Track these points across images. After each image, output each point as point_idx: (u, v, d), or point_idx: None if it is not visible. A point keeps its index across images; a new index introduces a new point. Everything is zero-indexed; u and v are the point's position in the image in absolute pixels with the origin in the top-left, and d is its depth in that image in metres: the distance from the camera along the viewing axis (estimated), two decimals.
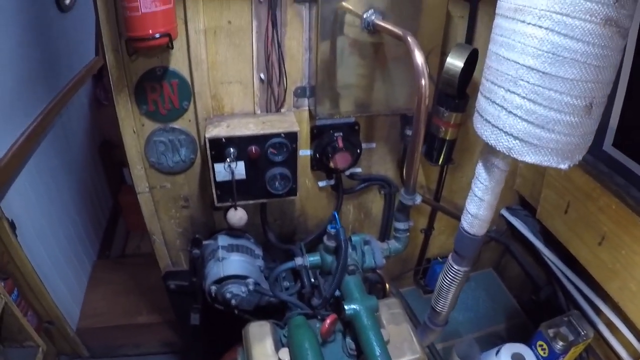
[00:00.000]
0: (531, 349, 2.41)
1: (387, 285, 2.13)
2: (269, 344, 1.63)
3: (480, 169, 1.54)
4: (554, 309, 2.53)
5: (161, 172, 2.15)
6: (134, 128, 2.02)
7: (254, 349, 1.60)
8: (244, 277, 2.03)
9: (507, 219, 2.87)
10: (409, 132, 2.17)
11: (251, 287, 2.01)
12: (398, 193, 2.09)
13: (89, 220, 3.76)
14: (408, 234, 2.08)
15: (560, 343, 2.30)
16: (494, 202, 1.59)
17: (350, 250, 1.80)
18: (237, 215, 2.10)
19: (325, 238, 1.82)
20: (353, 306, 1.64)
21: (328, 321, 1.59)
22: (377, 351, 1.52)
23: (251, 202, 2.13)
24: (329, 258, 1.79)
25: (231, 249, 2.13)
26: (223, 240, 2.17)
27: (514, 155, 1.32)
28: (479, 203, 1.58)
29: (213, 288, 2.05)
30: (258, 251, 2.23)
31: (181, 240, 2.39)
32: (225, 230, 2.26)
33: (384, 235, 2.63)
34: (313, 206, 2.47)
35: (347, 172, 2.28)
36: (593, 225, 2.30)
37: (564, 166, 1.31)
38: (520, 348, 2.39)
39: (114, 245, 4.10)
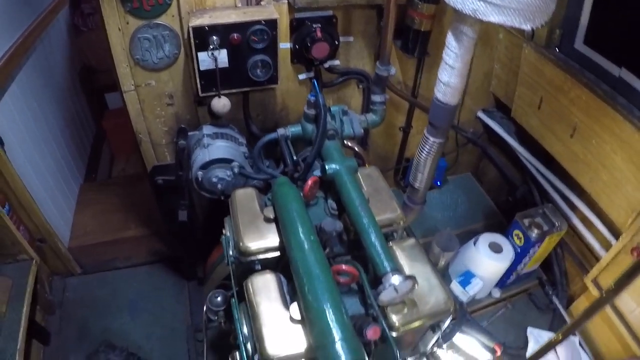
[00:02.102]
0: (507, 238, 2.53)
1: (367, 164, 2.19)
2: (254, 205, 1.68)
3: (450, 39, 1.60)
4: (529, 207, 2.62)
5: (146, 69, 2.19)
6: (119, 26, 2.05)
7: (240, 214, 1.65)
8: (229, 161, 2.11)
9: (483, 122, 2.95)
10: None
11: (236, 170, 2.08)
12: None
13: (73, 145, 3.78)
14: (384, 107, 2.16)
15: (536, 231, 2.41)
16: (465, 70, 1.65)
17: (329, 119, 1.86)
18: (221, 102, 2.17)
19: (305, 107, 1.89)
20: (333, 166, 1.70)
21: (310, 182, 1.65)
22: (358, 202, 1.58)
23: (234, 90, 2.20)
24: (309, 127, 1.86)
25: (216, 136, 2.21)
26: (208, 129, 2.25)
27: (479, 16, 1.38)
28: (450, 71, 1.64)
29: (200, 174, 2.13)
30: (242, 139, 2.30)
31: (167, 139, 2.45)
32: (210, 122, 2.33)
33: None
34: (294, 100, 2.53)
35: (326, 65, 2.34)
36: (565, 118, 2.39)
37: (527, 27, 1.37)
38: (497, 238, 2.50)
39: (100, 169, 4.14)
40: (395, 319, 1.40)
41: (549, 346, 1.66)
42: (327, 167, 1.70)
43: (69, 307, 3.12)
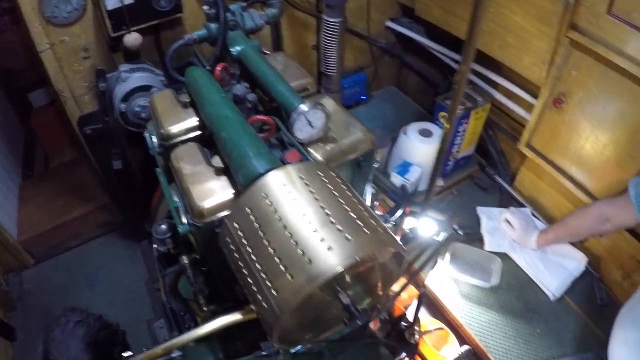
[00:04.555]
0: (435, 123, 2.60)
1: None
2: (171, 99, 1.69)
3: None
4: None
5: (57, 25, 2.20)
6: None
7: (158, 107, 1.66)
8: (149, 88, 2.13)
9: (394, 31, 3.01)
10: None
11: None
12: None
13: (5, 148, 3.75)
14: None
15: (459, 107, 2.46)
16: None
17: (230, 16, 1.89)
18: (132, 36, 2.19)
19: (206, 8, 1.91)
20: (238, 47, 1.73)
21: (218, 67, 1.67)
22: (265, 67, 1.61)
23: (144, 25, 2.22)
24: (213, 26, 1.88)
25: (133, 70, 2.23)
26: (124, 67, 2.27)
27: None
28: None
29: (122, 106, 2.14)
30: (158, 72, 2.32)
31: (89, 95, 2.46)
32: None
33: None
34: None
35: None
36: None
37: None
38: (425, 124, 2.56)
39: (36, 168, 4.08)
40: (316, 154, 1.42)
41: None
42: (231, 49, 1.73)
43: (29, 299, 3.09)
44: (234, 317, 1.11)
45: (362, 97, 3.00)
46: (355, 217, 0.91)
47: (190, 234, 1.36)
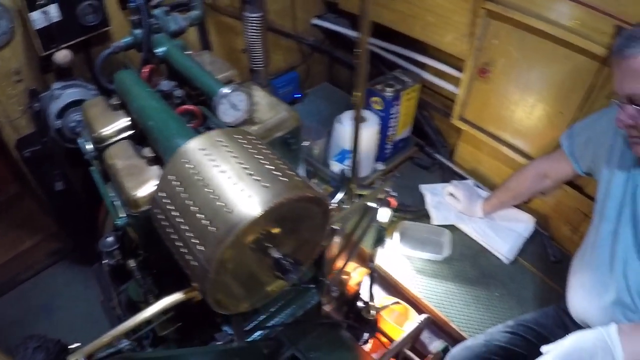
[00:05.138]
0: (368, 109, 2.63)
1: None
2: (102, 105, 1.69)
3: None
4: None
5: None
6: None
7: (90, 114, 1.65)
8: (82, 102, 2.11)
9: (320, 27, 3.05)
10: None
11: None
12: None
13: None
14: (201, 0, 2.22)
15: (389, 90, 2.52)
16: None
17: (152, 20, 1.90)
18: (62, 53, 2.16)
19: (130, 17, 1.92)
20: (161, 49, 1.75)
21: (145, 69, 1.69)
22: (189, 63, 1.62)
23: (73, 42, 2.20)
24: (137, 32, 1.89)
25: (65, 87, 2.21)
26: (57, 85, 2.23)
27: None
28: None
29: (58, 123, 2.12)
30: (91, 86, 2.31)
31: (25, 118, 2.43)
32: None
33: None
34: None
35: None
36: None
37: None
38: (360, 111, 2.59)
39: None
40: None
41: None
42: (155, 51, 1.74)
43: None
44: (176, 296, 1.11)
45: (296, 95, 3.02)
46: (272, 168, 0.94)
47: (130, 227, 1.37)
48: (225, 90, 1.39)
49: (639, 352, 1.06)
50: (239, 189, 0.89)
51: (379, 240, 1.74)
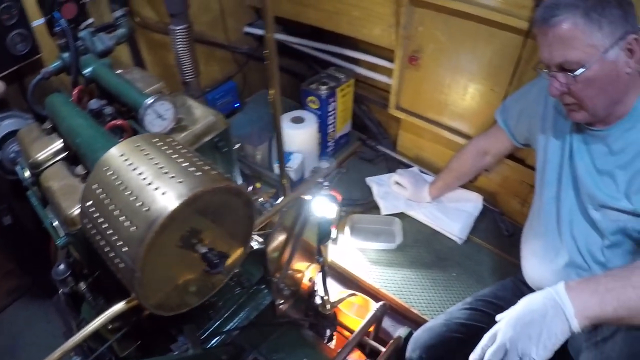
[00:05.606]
0: (305, 109, 2.63)
1: None
2: (35, 131, 1.66)
3: None
4: None
5: None
6: None
7: (25, 140, 1.63)
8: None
9: (253, 35, 3.04)
10: None
11: None
12: None
13: None
14: (126, 18, 2.19)
15: (323, 88, 2.52)
16: None
17: (78, 43, 1.88)
18: None
19: (57, 42, 1.89)
20: (89, 69, 1.72)
21: (75, 91, 1.66)
22: (116, 79, 1.60)
23: (4, 73, 2.14)
24: (65, 55, 1.86)
25: (1, 119, 2.17)
26: None
27: None
28: None
29: None
30: (27, 116, 2.27)
31: None
32: None
33: None
34: None
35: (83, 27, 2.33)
36: None
37: None
38: (296, 112, 2.58)
39: None
40: None
41: None
42: (83, 71, 1.72)
43: None
44: (118, 306, 1.09)
45: (235, 105, 3.01)
46: (187, 165, 0.94)
47: (71, 246, 1.34)
48: (149, 100, 1.38)
49: (589, 305, 1.07)
50: (154, 188, 0.88)
51: (325, 235, 1.73)
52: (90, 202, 1.00)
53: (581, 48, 1.29)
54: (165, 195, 0.87)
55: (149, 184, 0.90)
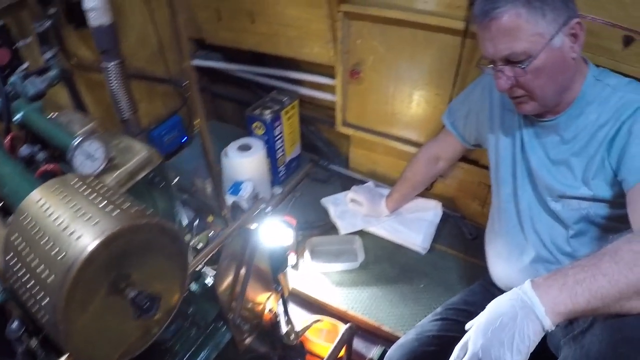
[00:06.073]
0: (251, 136, 2.57)
1: None
2: None
3: None
4: None
5: None
6: None
7: None
8: None
9: (194, 66, 2.97)
10: None
11: None
12: None
13: None
14: (57, 59, 2.11)
15: (267, 112, 2.47)
16: None
17: (9, 88, 1.80)
18: None
19: None
20: (19, 115, 1.64)
21: (7, 138, 1.59)
22: (46, 122, 1.53)
23: None
24: None
25: None
26: None
27: None
28: None
29: None
30: None
31: None
32: None
33: None
34: None
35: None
36: (241, 10, 2.47)
37: None
38: (242, 140, 2.51)
39: None
40: (108, 181, 1.35)
41: None
42: (14, 119, 1.64)
43: None
44: None
45: (182, 139, 2.93)
46: (106, 204, 0.86)
47: (10, 301, 1.25)
48: (77, 140, 1.30)
49: (560, 300, 1.02)
50: (69, 232, 0.81)
51: (281, 264, 1.67)
52: (11, 254, 0.93)
53: (527, 38, 1.27)
54: (80, 239, 0.80)
55: (65, 228, 0.83)
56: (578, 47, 1.32)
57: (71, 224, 0.83)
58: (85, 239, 0.79)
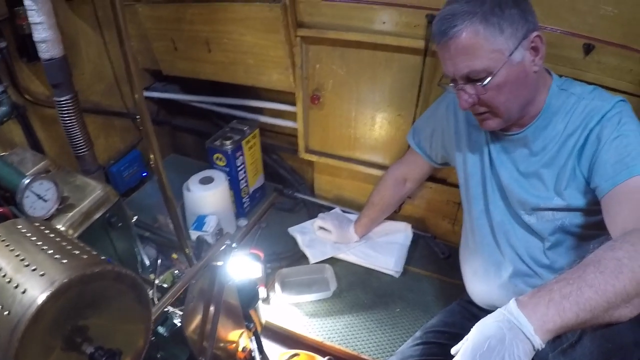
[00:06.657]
0: (213, 168, 2.51)
1: None
2: None
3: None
4: None
5: None
6: None
7: None
8: None
9: (153, 98, 2.90)
10: None
11: None
12: None
13: None
14: (7, 94, 2.03)
15: (228, 142, 2.40)
16: (51, 21, 1.63)
17: None
18: None
19: None
20: None
21: None
22: (4, 169, 1.45)
23: None
24: None
25: None
26: None
27: None
28: (40, 28, 1.61)
29: None
30: None
31: None
32: None
33: None
34: None
35: None
36: (196, 41, 2.42)
37: None
38: (203, 173, 2.43)
39: None
40: (60, 227, 1.28)
41: None
42: None
43: None
44: None
45: (143, 174, 2.85)
46: (53, 252, 0.79)
47: None
48: (26, 181, 1.23)
49: (548, 318, 0.97)
50: (13, 286, 0.73)
51: (251, 299, 1.60)
52: None
53: (486, 55, 1.25)
54: (26, 293, 0.72)
55: (9, 281, 0.75)
56: (539, 59, 1.31)
57: (16, 276, 0.76)
58: (32, 292, 0.72)
